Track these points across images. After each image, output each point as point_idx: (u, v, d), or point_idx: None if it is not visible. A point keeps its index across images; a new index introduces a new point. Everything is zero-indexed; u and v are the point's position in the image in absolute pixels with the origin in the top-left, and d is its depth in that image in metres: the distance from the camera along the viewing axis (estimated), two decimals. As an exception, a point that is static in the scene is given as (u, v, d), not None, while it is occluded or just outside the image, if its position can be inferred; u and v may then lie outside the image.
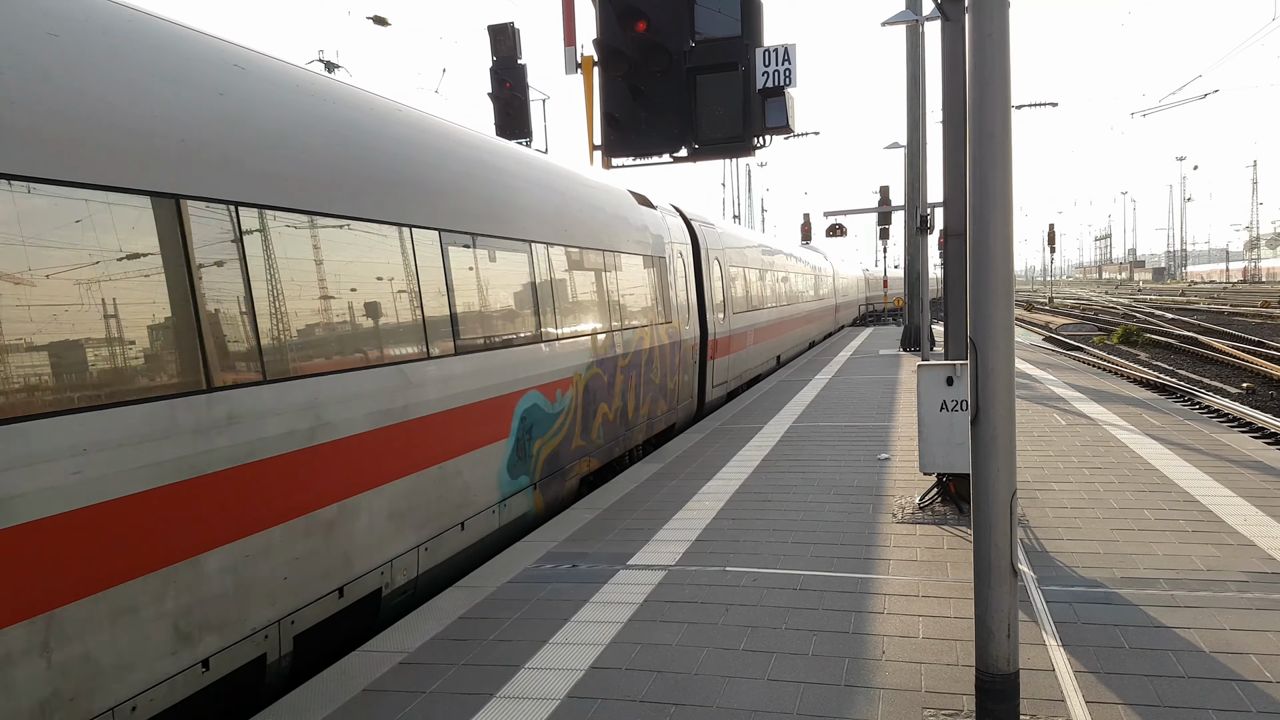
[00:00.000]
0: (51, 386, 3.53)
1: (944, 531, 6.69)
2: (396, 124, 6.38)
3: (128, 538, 3.75)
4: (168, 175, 4.15)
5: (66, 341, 3.61)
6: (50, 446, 3.46)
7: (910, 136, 20.50)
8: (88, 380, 3.67)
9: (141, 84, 4.14)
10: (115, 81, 4.00)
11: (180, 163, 4.23)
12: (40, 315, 3.51)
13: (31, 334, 3.48)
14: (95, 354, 3.72)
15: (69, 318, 3.62)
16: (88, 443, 3.60)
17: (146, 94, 4.15)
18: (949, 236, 6.97)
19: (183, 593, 4.02)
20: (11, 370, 3.39)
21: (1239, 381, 21.68)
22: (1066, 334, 38.18)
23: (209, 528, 4.18)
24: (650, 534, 6.97)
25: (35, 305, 3.50)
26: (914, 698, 4.08)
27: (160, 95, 4.23)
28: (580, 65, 7.46)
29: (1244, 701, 3.90)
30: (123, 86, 4.04)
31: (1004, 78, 3.46)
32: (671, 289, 12.43)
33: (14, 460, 3.32)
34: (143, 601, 3.82)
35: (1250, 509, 6.87)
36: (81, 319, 3.67)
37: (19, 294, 3.45)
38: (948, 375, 7.01)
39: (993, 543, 3.59)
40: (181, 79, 4.41)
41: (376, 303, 5.67)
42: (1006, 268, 3.51)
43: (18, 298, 3.44)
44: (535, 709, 4.15)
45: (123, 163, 3.93)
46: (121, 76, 4.05)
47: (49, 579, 3.43)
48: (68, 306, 3.62)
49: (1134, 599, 5.16)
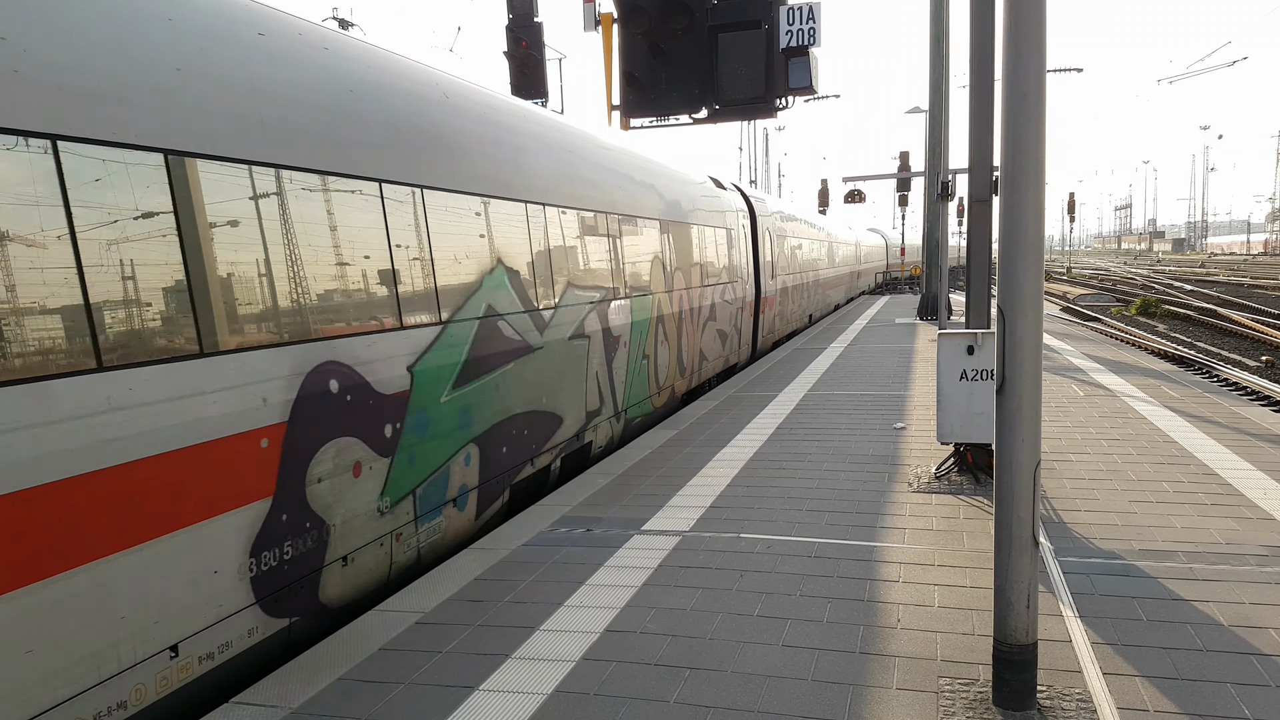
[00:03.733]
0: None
1: (960, 501, 6.66)
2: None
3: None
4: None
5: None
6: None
7: (932, 100, 20.16)
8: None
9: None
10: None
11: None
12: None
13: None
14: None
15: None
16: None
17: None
18: (973, 203, 6.85)
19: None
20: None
21: (1258, 354, 21.46)
22: (1084, 304, 37.86)
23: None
24: (664, 500, 6.96)
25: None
26: (929, 666, 4.07)
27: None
28: (599, 22, 7.33)
29: (1263, 675, 3.87)
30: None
31: (1040, 34, 3.35)
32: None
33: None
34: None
35: (1270, 482, 6.80)
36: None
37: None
38: (968, 344, 6.93)
39: (1014, 513, 3.55)
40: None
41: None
42: (1037, 235, 3.43)
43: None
44: (551, 670, 4.16)
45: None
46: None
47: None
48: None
49: (1152, 571, 5.12)
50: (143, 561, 3.76)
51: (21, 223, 3.38)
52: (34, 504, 3.33)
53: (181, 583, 3.96)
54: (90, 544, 3.54)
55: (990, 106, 6.66)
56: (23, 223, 3.38)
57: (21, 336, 3.34)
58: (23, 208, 3.38)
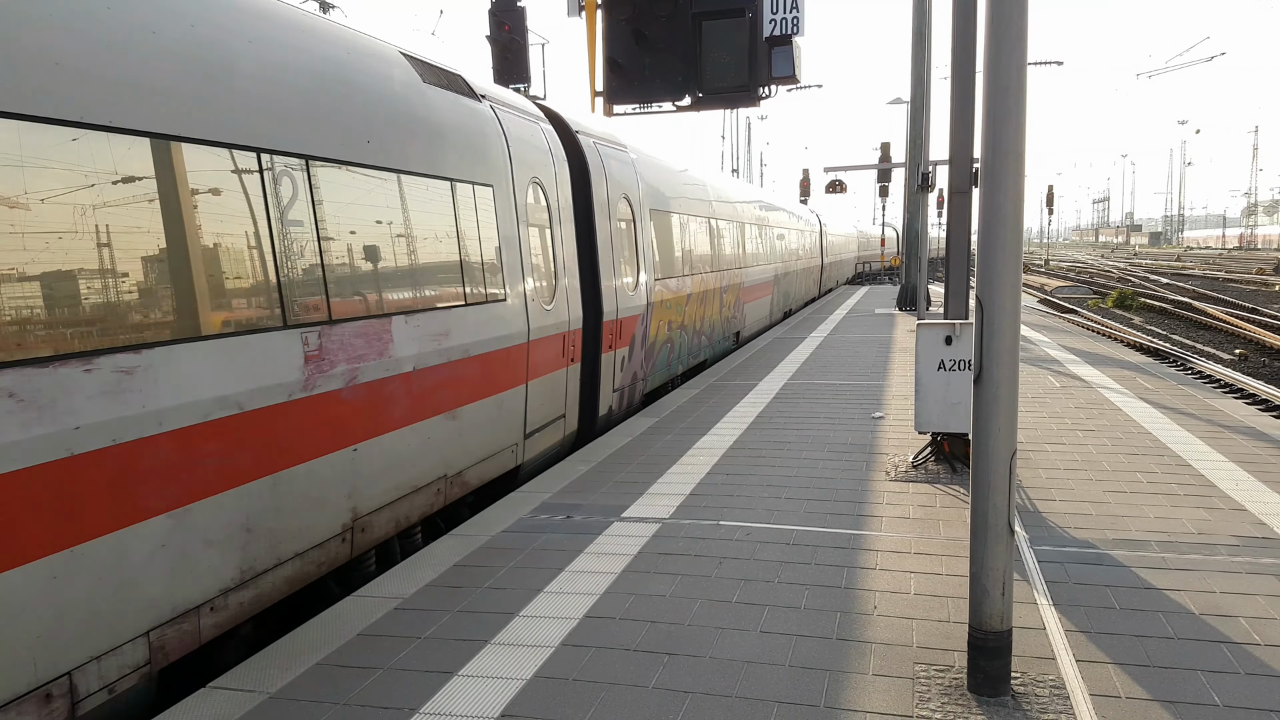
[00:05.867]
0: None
1: (937, 490, 6.72)
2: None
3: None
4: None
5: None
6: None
7: (914, 92, 20.22)
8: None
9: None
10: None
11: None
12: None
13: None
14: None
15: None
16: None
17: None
18: (953, 194, 6.89)
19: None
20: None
21: (1232, 348, 21.75)
22: (1061, 296, 38.17)
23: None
24: (644, 487, 6.98)
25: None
26: (905, 653, 4.11)
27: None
28: (583, 7, 7.29)
29: (1233, 663, 3.94)
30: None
31: (1021, 28, 3.37)
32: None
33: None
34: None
35: (1242, 474, 6.91)
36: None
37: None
38: (947, 334, 6.98)
39: (990, 502, 3.59)
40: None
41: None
42: (1016, 226, 3.45)
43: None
44: (530, 656, 4.17)
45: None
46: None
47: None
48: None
49: (1125, 560, 5.19)
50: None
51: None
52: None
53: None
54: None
55: (971, 99, 6.70)
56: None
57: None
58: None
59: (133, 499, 3.76)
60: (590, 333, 9.11)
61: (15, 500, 3.30)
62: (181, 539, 4.00)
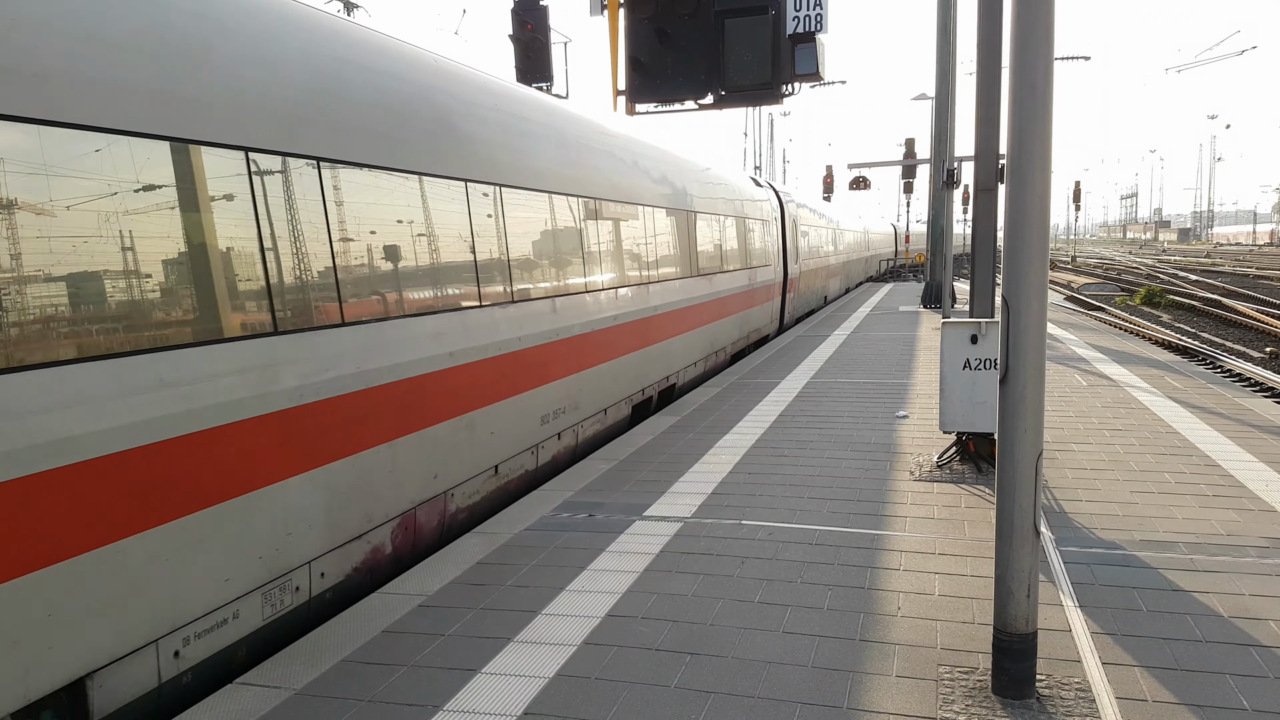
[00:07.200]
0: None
1: (962, 490, 6.67)
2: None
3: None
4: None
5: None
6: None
7: (939, 88, 20.07)
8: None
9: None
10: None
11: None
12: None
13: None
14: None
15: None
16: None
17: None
18: (979, 191, 6.83)
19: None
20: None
21: (1263, 346, 21.42)
22: (1089, 294, 37.76)
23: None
24: (666, 486, 6.98)
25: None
26: (929, 654, 4.09)
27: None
28: (606, 6, 7.28)
29: (1261, 667, 3.89)
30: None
31: (1048, 27, 3.34)
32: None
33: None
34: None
35: (1272, 474, 6.81)
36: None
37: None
38: (972, 333, 6.93)
39: (1016, 503, 3.56)
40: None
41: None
42: (1043, 225, 3.42)
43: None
44: (552, 654, 4.19)
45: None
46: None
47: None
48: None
49: (1152, 562, 5.13)
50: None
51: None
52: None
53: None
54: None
55: (997, 95, 6.64)
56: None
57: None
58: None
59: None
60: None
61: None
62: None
